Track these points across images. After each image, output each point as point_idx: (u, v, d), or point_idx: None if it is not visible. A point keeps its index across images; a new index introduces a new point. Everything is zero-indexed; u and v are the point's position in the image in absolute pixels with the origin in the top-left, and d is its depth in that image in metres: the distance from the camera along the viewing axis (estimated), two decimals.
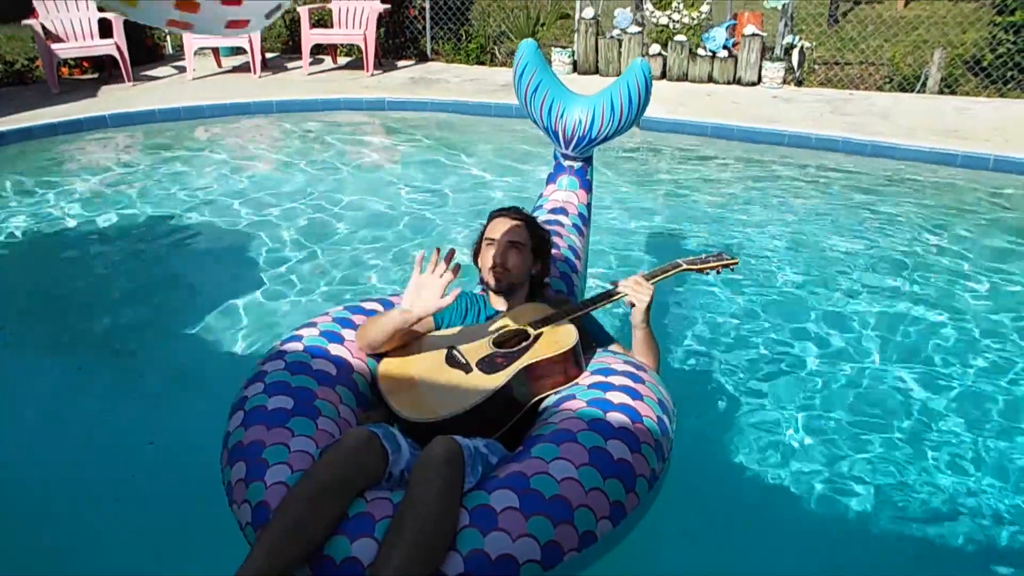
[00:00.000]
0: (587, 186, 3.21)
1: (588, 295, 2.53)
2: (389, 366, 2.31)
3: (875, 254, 4.48)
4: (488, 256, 2.49)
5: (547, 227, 2.71)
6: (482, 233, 2.58)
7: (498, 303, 2.52)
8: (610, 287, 2.47)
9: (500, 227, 2.51)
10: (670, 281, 2.56)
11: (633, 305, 2.41)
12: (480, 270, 2.58)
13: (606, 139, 3.01)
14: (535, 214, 2.84)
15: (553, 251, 2.81)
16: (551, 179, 3.23)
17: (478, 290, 2.72)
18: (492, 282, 2.48)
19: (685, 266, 2.57)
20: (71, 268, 4.48)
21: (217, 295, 3.93)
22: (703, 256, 2.62)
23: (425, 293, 2.20)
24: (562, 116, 2.98)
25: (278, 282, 4.09)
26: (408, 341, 2.40)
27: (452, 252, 2.22)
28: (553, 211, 3.12)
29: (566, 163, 3.18)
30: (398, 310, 2.24)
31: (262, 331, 3.58)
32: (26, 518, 2.51)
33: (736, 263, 2.61)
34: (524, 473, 1.88)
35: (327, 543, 1.76)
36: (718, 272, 2.60)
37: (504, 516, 1.78)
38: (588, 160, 3.20)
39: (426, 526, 1.71)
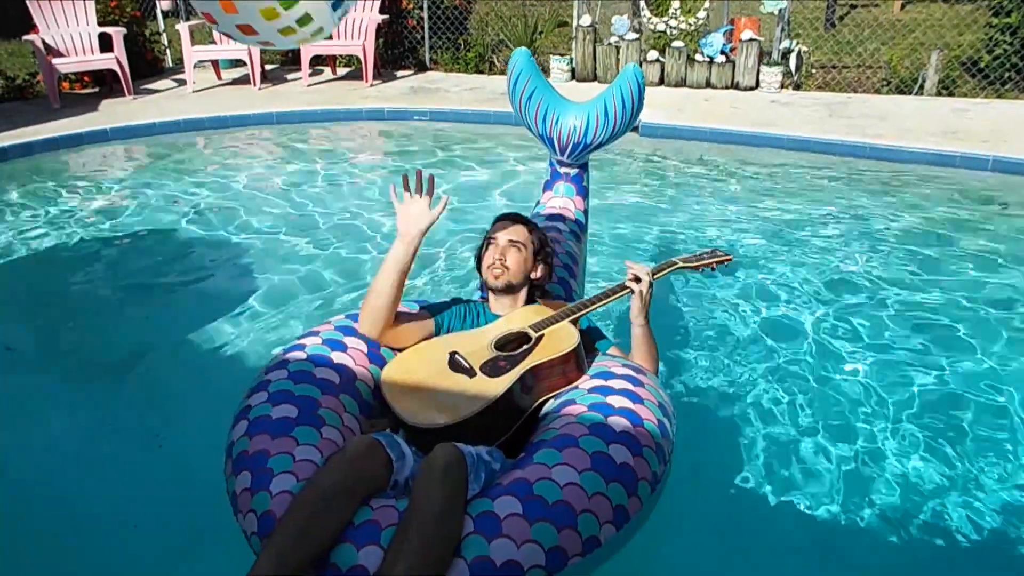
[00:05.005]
0: (583, 192, 3.22)
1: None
2: (392, 373, 2.32)
3: (875, 256, 4.48)
4: (489, 255, 2.54)
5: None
6: (486, 237, 2.62)
7: (497, 308, 2.55)
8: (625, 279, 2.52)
9: (501, 228, 2.57)
10: (669, 284, 2.59)
11: (632, 292, 2.46)
12: (482, 273, 2.60)
13: (601, 145, 3.03)
14: None
15: None
16: (547, 186, 3.25)
17: (477, 298, 2.74)
18: (491, 279, 2.51)
19: (680, 264, 2.64)
20: (74, 281, 4.49)
21: (219, 305, 3.95)
22: (697, 253, 2.71)
23: (414, 210, 2.24)
24: (557, 123, 3.00)
25: (280, 291, 4.10)
26: (410, 343, 2.42)
27: (419, 172, 2.23)
28: (550, 218, 3.13)
29: (562, 170, 3.19)
30: (397, 241, 2.24)
31: (264, 340, 3.59)
32: (33, 529, 2.51)
33: (730, 259, 2.68)
34: (527, 479, 1.89)
35: (334, 551, 1.77)
36: (713, 269, 2.68)
37: (508, 522, 1.79)
38: (584, 166, 3.22)
39: (430, 533, 1.72)
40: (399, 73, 9.72)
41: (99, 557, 2.41)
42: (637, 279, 2.46)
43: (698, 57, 8.46)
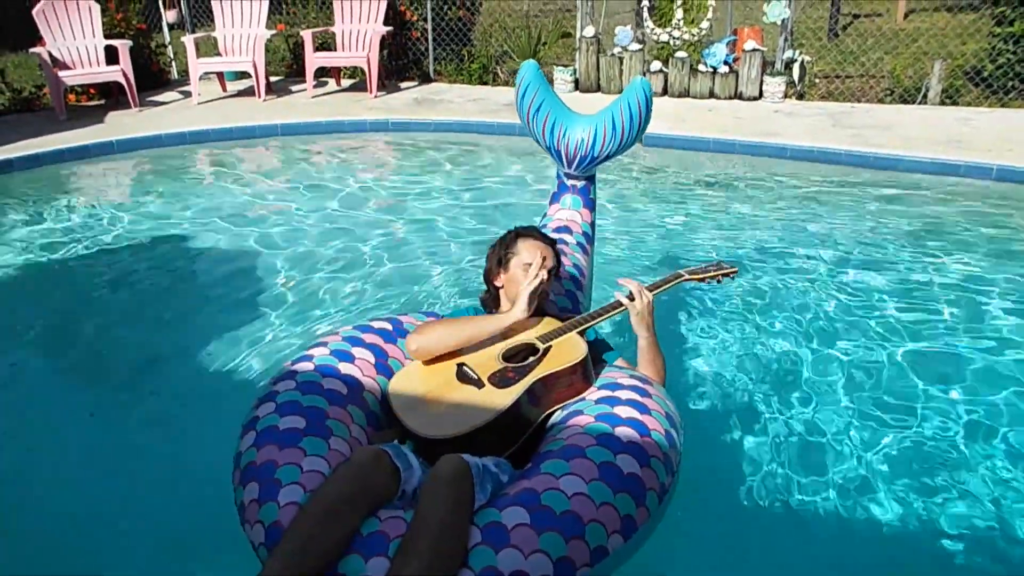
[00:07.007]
0: (590, 205, 3.23)
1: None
2: (400, 384, 2.32)
3: (880, 265, 4.48)
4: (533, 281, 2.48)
5: None
6: (505, 254, 2.56)
7: None
8: (615, 297, 2.51)
9: (539, 253, 2.51)
10: (675, 295, 2.59)
11: (628, 309, 2.46)
12: (500, 289, 2.59)
13: (608, 157, 3.04)
14: None
15: None
16: (555, 199, 3.25)
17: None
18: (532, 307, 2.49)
19: (686, 276, 2.64)
20: (80, 293, 4.50)
21: (225, 316, 3.96)
22: (703, 266, 2.72)
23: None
24: (564, 136, 3.01)
25: (286, 303, 4.11)
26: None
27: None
28: (557, 230, 3.14)
29: (569, 182, 3.20)
30: (509, 317, 2.37)
31: (271, 351, 3.60)
32: (40, 542, 2.51)
33: (735, 271, 2.69)
34: (535, 489, 1.89)
35: (341, 562, 1.77)
36: (719, 281, 2.68)
37: (516, 533, 1.79)
38: (591, 179, 3.23)
39: (435, 544, 1.72)
40: (403, 84, 9.75)
41: (105, 567, 2.41)
42: (631, 296, 2.46)
43: (701, 67, 8.48)
